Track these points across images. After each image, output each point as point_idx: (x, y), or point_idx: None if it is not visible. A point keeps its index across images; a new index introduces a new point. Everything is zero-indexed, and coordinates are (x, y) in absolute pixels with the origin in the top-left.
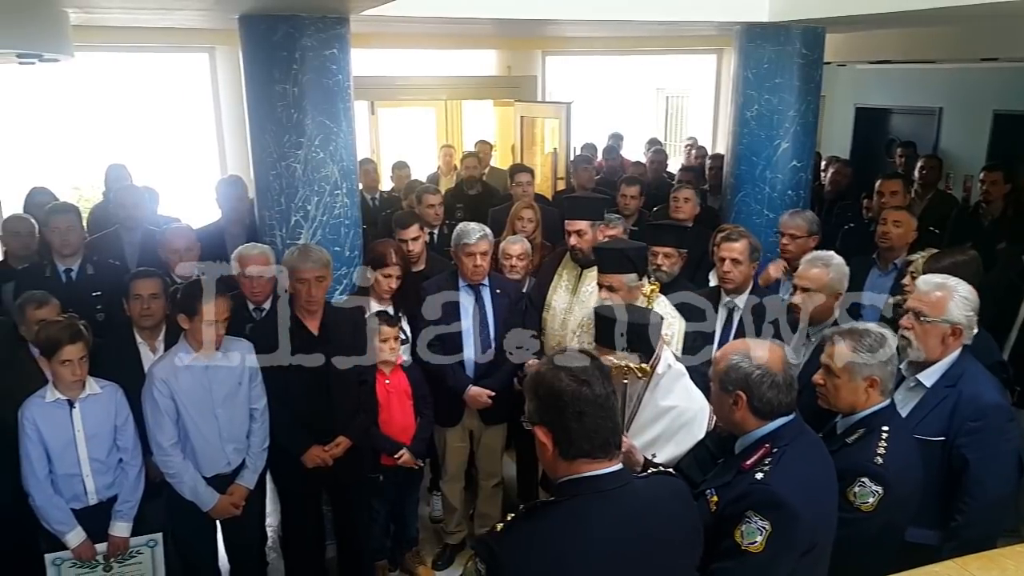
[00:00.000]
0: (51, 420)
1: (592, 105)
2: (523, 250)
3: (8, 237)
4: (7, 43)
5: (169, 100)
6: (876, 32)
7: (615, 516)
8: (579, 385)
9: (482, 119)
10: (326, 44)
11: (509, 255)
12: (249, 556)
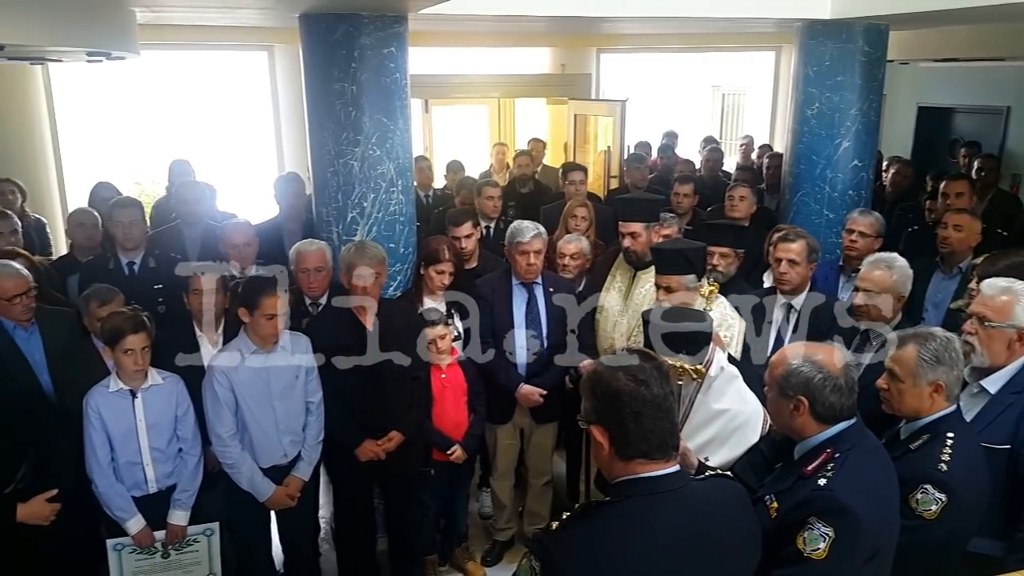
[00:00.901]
0: (114, 409)
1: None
2: (578, 249)
3: (73, 229)
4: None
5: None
6: (940, 29)
7: (672, 518)
8: (637, 385)
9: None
10: (384, 43)
11: (564, 254)
12: (302, 547)
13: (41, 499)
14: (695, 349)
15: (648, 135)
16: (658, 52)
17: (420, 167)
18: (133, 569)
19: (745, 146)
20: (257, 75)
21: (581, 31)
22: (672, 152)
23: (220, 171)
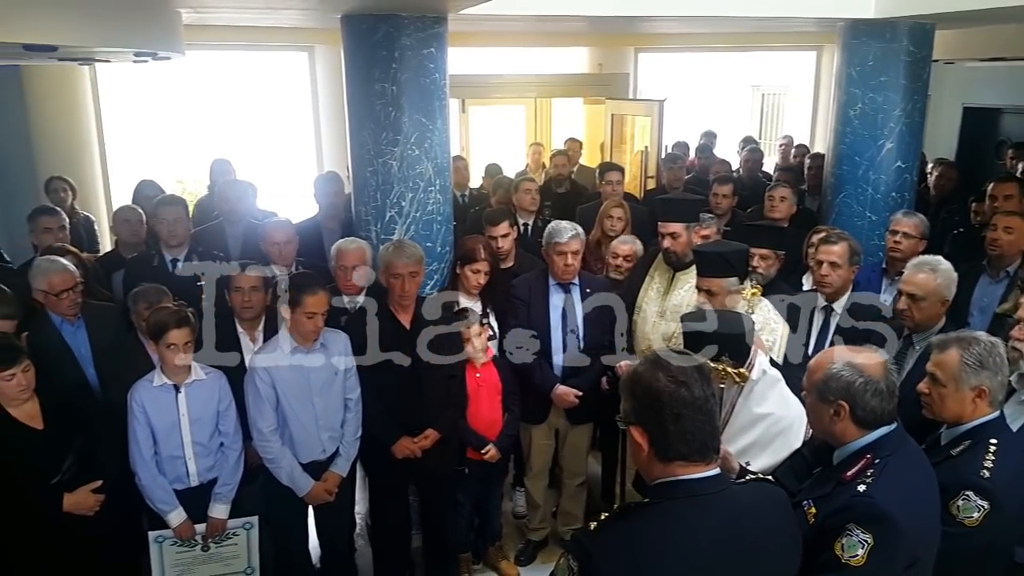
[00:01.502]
0: (158, 403)
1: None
2: (631, 251)
3: (119, 226)
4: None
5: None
6: (987, 28)
7: (712, 521)
8: (677, 386)
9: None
10: (424, 43)
11: (617, 254)
12: (339, 542)
13: (86, 490)
14: (737, 353)
15: (686, 135)
16: (697, 52)
17: (457, 167)
18: (173, 561)
19: (784, 146)
20: (298, 75)
21: (619, 30)
22: (710, 152)
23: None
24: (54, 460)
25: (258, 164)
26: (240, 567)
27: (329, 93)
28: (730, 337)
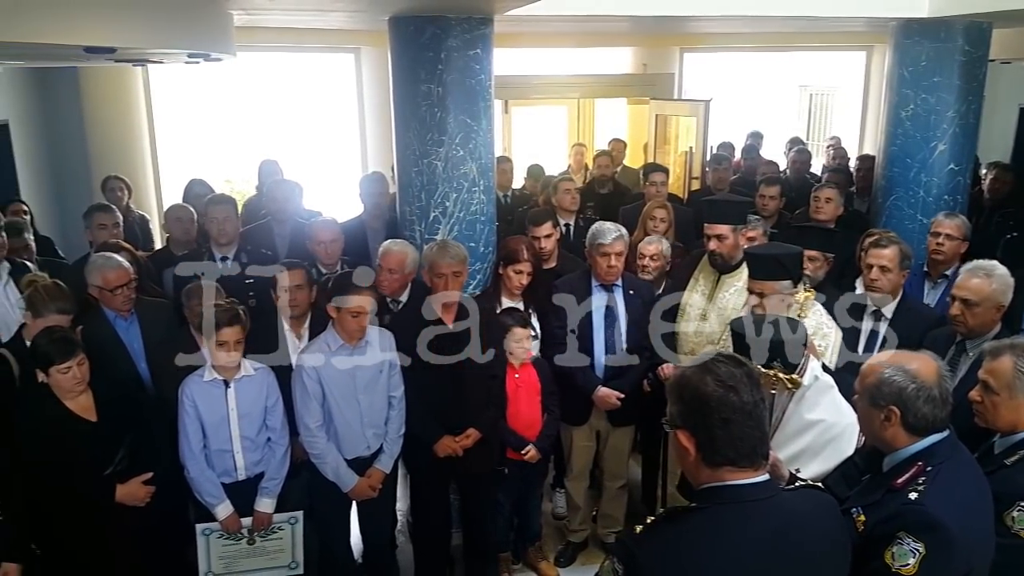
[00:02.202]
0: (208, 398)
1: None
2: (657, 250)
3: (171, 224)
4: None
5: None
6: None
7: (760, 527)
8: (726, 391)
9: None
10: (470, 44)
11: (643, 254)
12: (381, 537)
13: (137, 481)
14: (788, 358)
15: (731, 136)
16: (743, 51)
17: (503, 168)
18: (220, 554)
19: (832, 147)
20: (344, 76)
21: (665, 30)
22: (756, 153)
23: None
24: (107, 452)
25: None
26: (285, 561)
27: (374, 94)
28: (782, 341)
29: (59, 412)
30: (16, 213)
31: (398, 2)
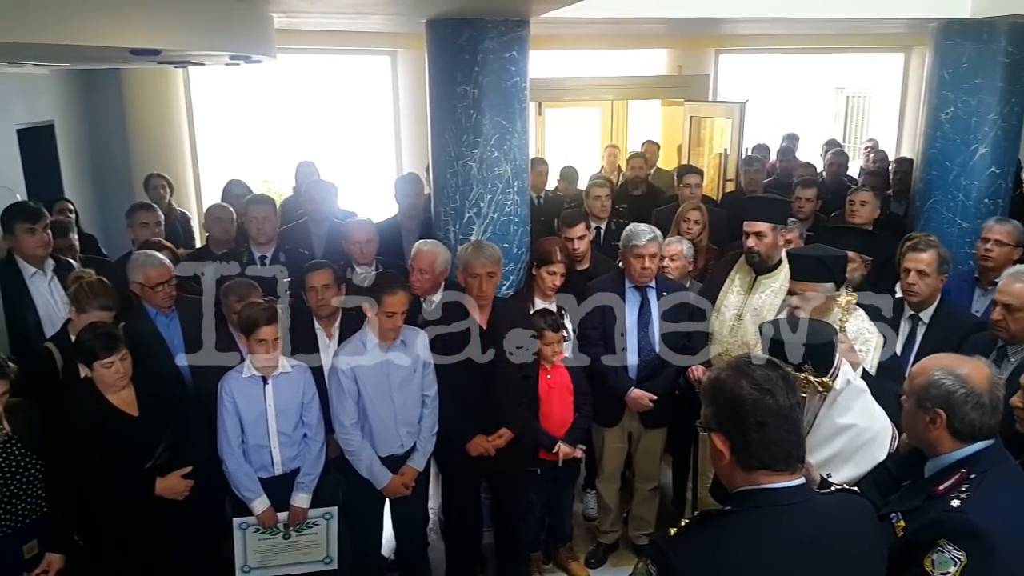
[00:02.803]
0: (246, 394)
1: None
2: (677, 251)
3: (210, 223)
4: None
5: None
6: None
7: (795, 531)
8: (761, 394)
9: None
10: (506, 47)
11: (663, 255)
12: (413, 534)
13: (177, 475)
14: (820, 361)
15: (766, 138)
16: (779, 53)
17: (537, 170)
18: (256, 547)
19: (869, 150)
20: (380, 78)
21: (699, 32)
22: (792, 155)
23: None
24: (148, 446)
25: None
26: (319, 556)
27: (410, 96)
28: (814, 345)
29: (102, 406)
30: (62, 212)
31: (435, 5)
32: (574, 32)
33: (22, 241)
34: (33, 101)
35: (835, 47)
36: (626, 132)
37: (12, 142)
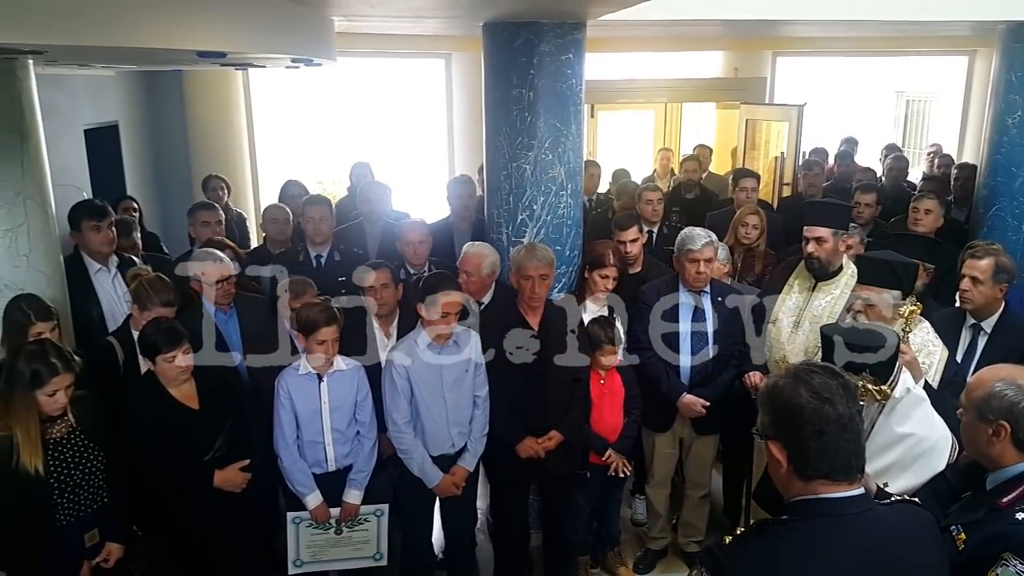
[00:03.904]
0: (302, 391)
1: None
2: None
3: (268, 224)
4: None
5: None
6: None
7: (854, 542)
8: (820, 403)
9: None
10: (563, 49)
11: None
12: (462, 534)
13: (235, 468)
14: (879, 369)
15: (823, 142)
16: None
17: (589, 173)
18: (308, 542)
19: (932, 155)
20: (434, 81)
21: (757, 34)
22: (851, 159)
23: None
24: (208, 438)
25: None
26: (369, 552)
27: (463, 98)
28: (874, 351)
29: (164, 399)
30: (127, 210)
31: (493, 7)
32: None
33: (88, 238)
34: (99, 102)
35: (896, 50)
36: (679, 135)
37: (80, 142)
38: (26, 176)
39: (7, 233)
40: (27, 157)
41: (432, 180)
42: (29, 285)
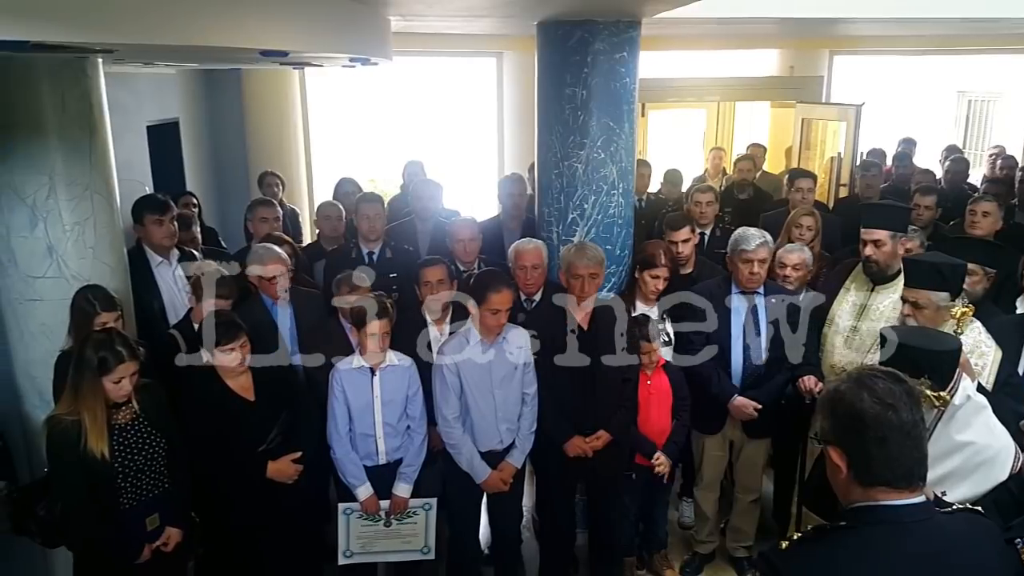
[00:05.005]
0: (355, 384)
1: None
2: (800, 260)
3: (321, 220)
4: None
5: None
6: None
7: (915, 551)
8: (884, 408)
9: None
10: (617, 48)
11: (785, 264)
12: (508, 530)
13: (288, 459)
14: (938, 374)
15: (880, 142)
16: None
17: (640, 172)
18: (358, 533)
19: (995, 156)
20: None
21: (814, 33)
22: (909, 161)
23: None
24: (262, 430)
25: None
26: (418, 545)
27: (514, 96)
28: (931, 356)
29: (221, 390)
30: (187, 205)
31: (548, 6)
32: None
33: (150, 231)
34: (161, 99)
35: (958, 48)
36: (732, 134)
37: (142, 138)
38: (94, 171)
39: (75, 226)
40: (95, 153)
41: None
42: (95, 276)
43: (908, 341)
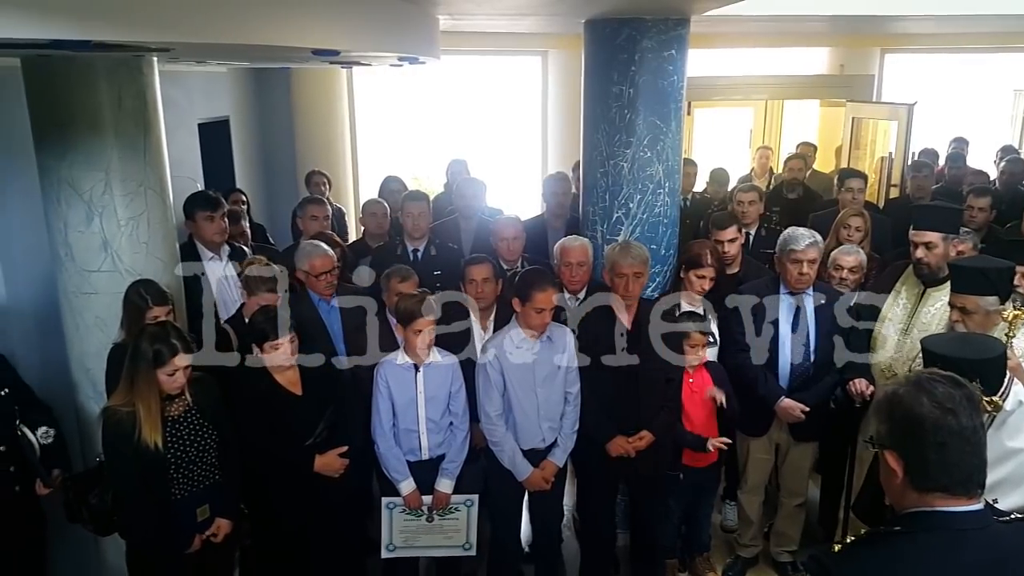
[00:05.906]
0: (399, 380)
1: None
2: (857, 263)
3: (367, 218)
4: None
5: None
6: None
7: (972, 559)
8: (943, 413)
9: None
10: (665, 46)
11: (840, 266)
12: (548, 529)
13: (334, 453)
14: (988, 379)
15: (932, 142)
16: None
17: (686, 171)
18: (401, 527)
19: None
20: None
21: (865, 31)
22: (962, 161)
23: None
24: (309, 424)
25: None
26: (459, 541)
27: (558, 95)
28: (974, 364)
29: (270, 385)
30: (236, 202)
31: (597, 4)
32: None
33: (202, 227)
34: (212, 97)
35: (1013, 45)
36: (780, 133)
37: (194, 135)
38: (148, 167)
39: (130, 221)
40: (149, 149)
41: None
42: (148, 271)
43: (949, 352)
